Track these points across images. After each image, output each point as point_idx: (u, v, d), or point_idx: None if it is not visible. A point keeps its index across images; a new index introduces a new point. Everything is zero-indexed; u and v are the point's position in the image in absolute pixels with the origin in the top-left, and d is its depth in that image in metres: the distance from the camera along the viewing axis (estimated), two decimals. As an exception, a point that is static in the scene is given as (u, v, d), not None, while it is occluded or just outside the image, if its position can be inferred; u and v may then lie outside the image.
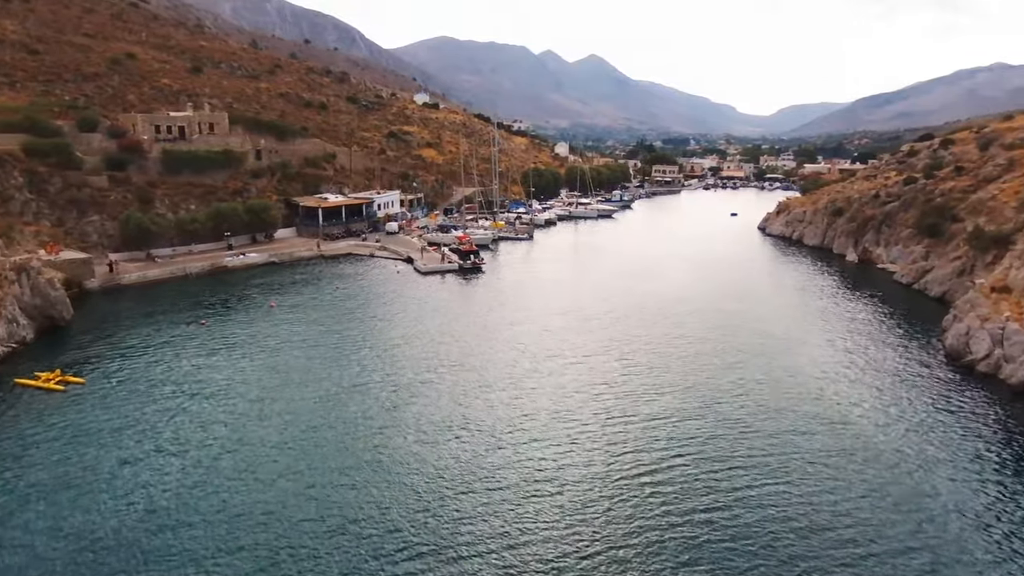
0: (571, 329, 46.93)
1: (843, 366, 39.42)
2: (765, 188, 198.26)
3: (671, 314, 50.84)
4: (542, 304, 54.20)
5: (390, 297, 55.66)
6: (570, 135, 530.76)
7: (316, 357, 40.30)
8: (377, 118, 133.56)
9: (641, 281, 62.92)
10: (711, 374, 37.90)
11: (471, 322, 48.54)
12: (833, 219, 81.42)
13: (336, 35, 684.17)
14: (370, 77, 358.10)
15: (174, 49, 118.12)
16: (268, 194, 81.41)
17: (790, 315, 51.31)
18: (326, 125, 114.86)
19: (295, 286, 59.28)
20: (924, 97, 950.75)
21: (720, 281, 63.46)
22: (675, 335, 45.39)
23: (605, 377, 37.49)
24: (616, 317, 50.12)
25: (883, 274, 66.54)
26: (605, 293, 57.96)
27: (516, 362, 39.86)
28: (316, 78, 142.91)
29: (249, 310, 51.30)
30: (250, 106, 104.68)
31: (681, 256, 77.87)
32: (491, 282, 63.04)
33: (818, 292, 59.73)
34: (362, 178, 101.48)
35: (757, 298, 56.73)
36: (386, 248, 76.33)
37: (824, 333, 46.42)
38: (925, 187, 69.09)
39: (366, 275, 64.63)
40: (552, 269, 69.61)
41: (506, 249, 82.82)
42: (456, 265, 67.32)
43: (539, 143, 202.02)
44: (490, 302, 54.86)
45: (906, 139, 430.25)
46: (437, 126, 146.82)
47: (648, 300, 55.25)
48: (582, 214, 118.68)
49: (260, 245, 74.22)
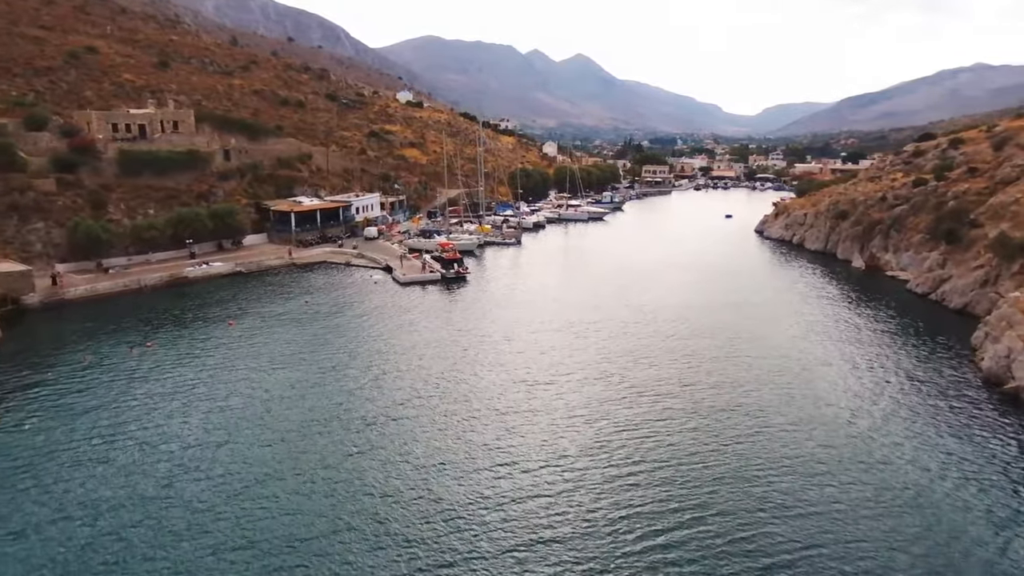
0: (563, 348, 42.16)
1: (872, 395, 34.96)
2: (757, 188, 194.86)
3: (671, 332, 46.23)
4: (531, 319, 49.40)
5: (364, 313, 50.53)
6: (557, 135, 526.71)
7: (273, 389, 35.16)
8: (358, 117, 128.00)
9: (637, 291, 58.32)
10: (723, 407, 33.26)
11: (452, 342, 43.60)
12: (836, 222, 77.40)
13: (321, 33, 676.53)
14: (355, 76, 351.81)
15: (141, 43, 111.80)
16: (237, 197, 75.94)
17: (802, 331, 46.89)
18: (303, 124, 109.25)
19: (260, 300, 53.97)
20: (908, 97, 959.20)
21: (721, 291, 59.04)
22: (678, 357, 40.74)
23: (603, 411, 32.72)
24: (611, 334, 45.43)
25: (894, 283, 62.44)
26: (599, 305, 53.26)
27: (502, 392, 34.98)
28: (294, 75, 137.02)
29: (205, 329, 45.98)
30: (220, 103, 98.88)
31: (677, 263, 73.42)
32: (476, 293, 58.14)
33: (828, 303, 55.46)
34: (340, 180, 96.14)
35: (763, 311, 52.31)
36: (364, 255, 71.12)
37: (843, 352, 42.01)
38: (936, 189, 65.13)
39: (340, 286, 59.43)
40: (542, 278, 64.83)
41: (493, 255, 77.93)
42: (438, 274, 62.34)
43: (527, 143, 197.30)
44: (474, 317, 49.95)
45: (892, 139, 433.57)
46: (421, 125, 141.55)
47: (645, 314, 50.63)
48: (572, 217, 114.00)
49: (227, 253, 68.73)
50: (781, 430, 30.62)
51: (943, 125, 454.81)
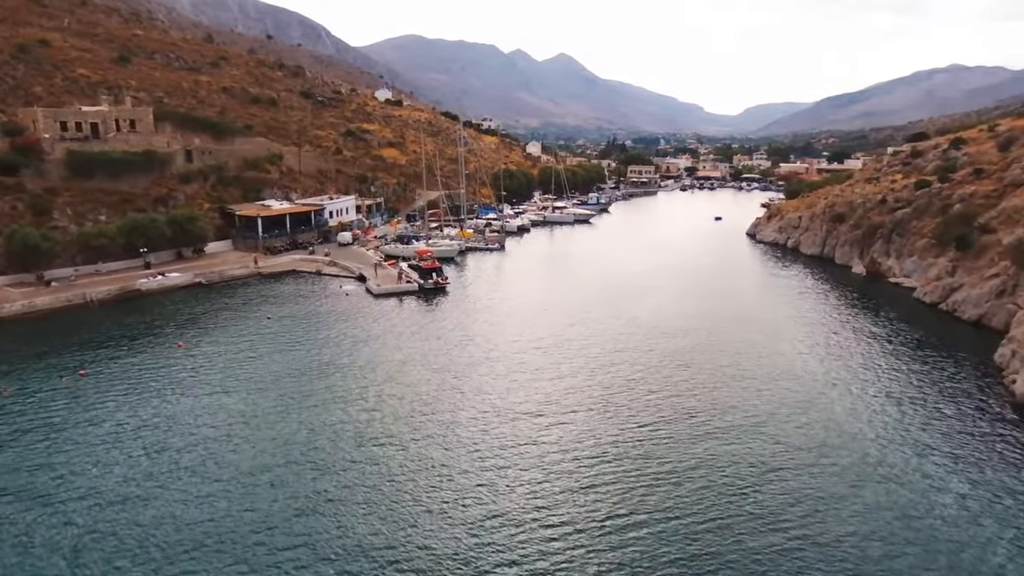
0: (551, 371, 37.95)
1: (898, 425, 31.18)
2: (743, 188, 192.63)
3: (669, 350, 42.24)
4: (515, 335, 45.15)
5: (332, 330, 45.87)
6: (541, 134, 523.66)
7: (220, 425, 30.50)
8: (334, 115, 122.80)
9: (628, 302, 54.32)
10: (729, 441, 29.28)
11: (429, 365, 39.19)
12: (833, 226, 74.17)
13: (301, 32, 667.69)
14: (334, 74, 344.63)
15: (100, 37, 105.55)
16: (199, 201, 70.69)
17: (810, 348, 43.17)
18: (275, 123, 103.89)
19: (218, 316, 49.06)
20: (886, 97, 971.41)
21: (716, 300, 55.29)
22: (679, 381, 36.72)
23: (597, 447, 28.56)
24: (604, 352, 41.34)
25: (898, 290, 59.17)
26: (588, 319, 49.17)
27: (484, 429, 30.64)
28: (267, 72, 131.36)
29: (152, 351, 41.08)
30: (185, 101, 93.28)
31: (669, 269, 69.66)
32: (456, 306, 53.73)
33: (833, 315, 51.91)
34: (314, 181, 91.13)
35: (766, 324, 48.57)
36: (336, 263, 66.33)
37: (857, 373, 38.30)
38: (940, 191, 62.03)
39: (307, 299, 54.65)
40: (526, 288, 60.59)
41: (474, 262, 73.54)
42: (416, 285, 57.83)
43: (510, 142, 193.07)
44: (454, 334, 45.54)
45: (872, 138, 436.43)
46: (400, 124, 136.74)
47: (639, 329, 46.62)
48: (558, 219, 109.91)
49: (186, 262, 63.55)
50: (807, 473, 26.67)
51: (922, 125, 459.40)
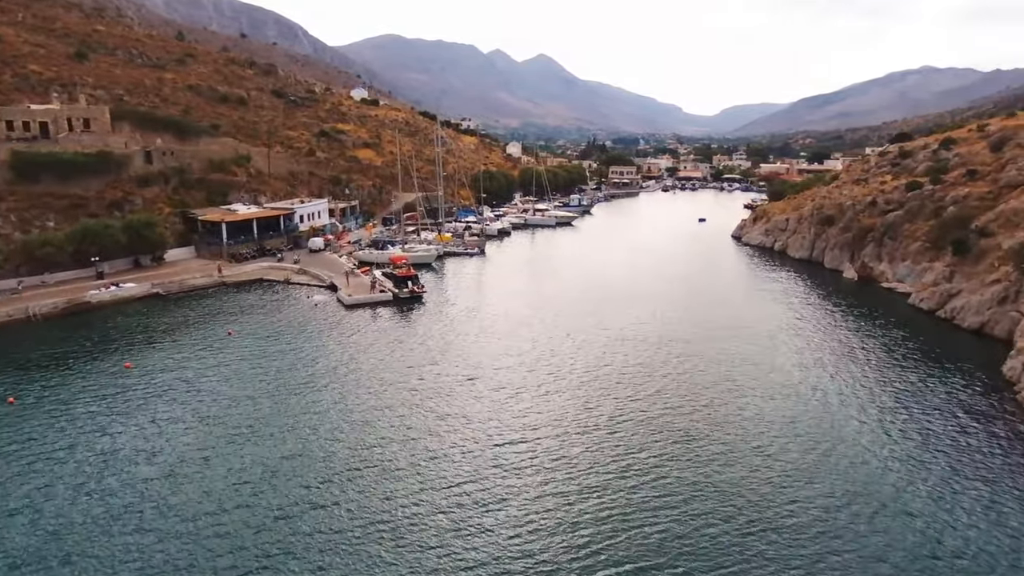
0: (535, 392, 34.95)
1: (915, 449, 28.70)
2: (725, 189, 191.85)
3: (658, 365, 39.51)
4: (496, 350, 42.10)
5: (297, 347, 42.35)
6: (520, 135, 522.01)
7: (164, 462, 26.97)
8: (307, 115, 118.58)
9: (614, 312, 51.56)
10: (730, 464, 26.55)
11: (402, 385, 35.94)
12: (822, 229, 72.31)
13: (278, 31, 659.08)
14: (311, 73, 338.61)
15: (57, 32, 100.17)
16: (159, 206, 66.51)
17: (810, 359, 40.74)
18: (244, 122, 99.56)
19: (173, 331, 45.22)
20: (860, 98, 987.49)
21: (707, 308, 52.80)
22: (672, 398, 33.97)
23: (585, 479, 25.63)
24: (590, 368, 38.48)
25: (892, 296, 57.28)
26: (573, 330, 46.27)
27: (461, 460, 27.53)
28: (237, 70, 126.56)
29: (95, 373, 37.22)
30: (147, 99, 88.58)
31: (654, 274, 67.17)
32: (433, 317, 50.47)
33: (828, 323, 49.67)
34: (284, 184, 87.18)
35: (758, 333, 46.11)
36: (306, 271, 62.66)
37: (860, 387, 35.89)
38: (933, 193, 60.34)
39: (273, 311, 50.97)
40: (508, 296, 57.53)
41: (454, 268, 70.30)
42: (390, 294, 54.44)
43: (490, 143, 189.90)
44: (430, 349, 42.30)
45: (848, 138, 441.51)
46: (376, 124, 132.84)
47: (626, 342, 43.86)
48: (539, 222, 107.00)
49: (144, 272, 59.41)
50: (816, 505, 24.00)
51: (896, 125, 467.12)
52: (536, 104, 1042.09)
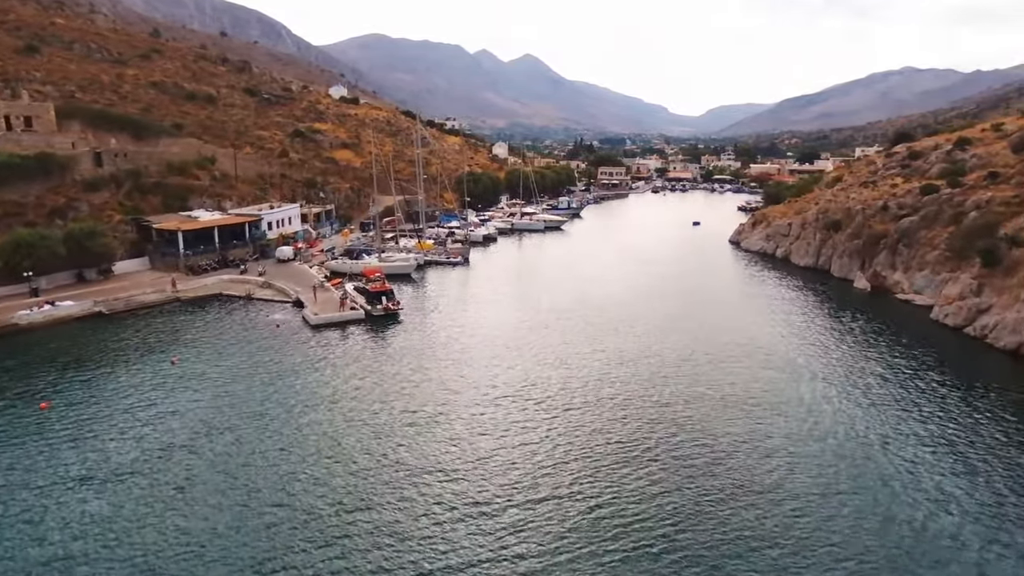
0: (522, 437, 29.73)
1: (965, 499, 23.88)
2: (716, 190, 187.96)
3: (664, 396, 34.47)
4: (479, 378, 36.85)
5: (247, 379, 36.72)
6: (507, 135, 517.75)
7: (76, 530, 21.38)
8: (281, 113, 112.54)
9: (611, 331, 46.54)
10: (761, 527, 21.55)
11: (366, 426, 30.55)
12: (828, 234, 67.83)
13: (261, 30, 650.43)
14: (293, 73, 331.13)
15: (8, 24, 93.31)
16: (108, 212, 60.49)
17: (837, 390, 35.92)
18: (211, 121, 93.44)
19: (108, 358, 39.40)
20: (843, 98, 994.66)
21: (711, 327, 47.93)
22: (684, 441, 28.92)
23: (579, 549, 20.47)
24: (586, 402, 33.38)
25: (910, 309, 52.79)
26: (565, 355, 41.16)
27: (435, 531, 22.23)
28: (207, 66, 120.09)
29: (5, 414, 31.41)
30: (102, 96, 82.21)
31: (651, 286, 62.33)
32: (409, 338, 45.04)
33: (848, 342, 44.93)
34: (253, 188, 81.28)
35: (773, 356, 41.29)
36: (271, 284, 56.94)
37: (903, 427, 31.08)
38: (952, 197, 55.99)
39: (228, 332, 45.25)
40: (493, 313, 52.25)
41: (435, 279, 64.89)
42: (362, 312, 48.93)
43: (475, 143, 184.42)
44: (403, 380, 36.91)
45: (834, 138, 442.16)
46: (356, 124, 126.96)
47: (626, 368, 38.82)
48: (527, 226, 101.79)
49: (88, 287, 53.40)
50: None
51: (881, 125, 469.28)
52: (523, 104, 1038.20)
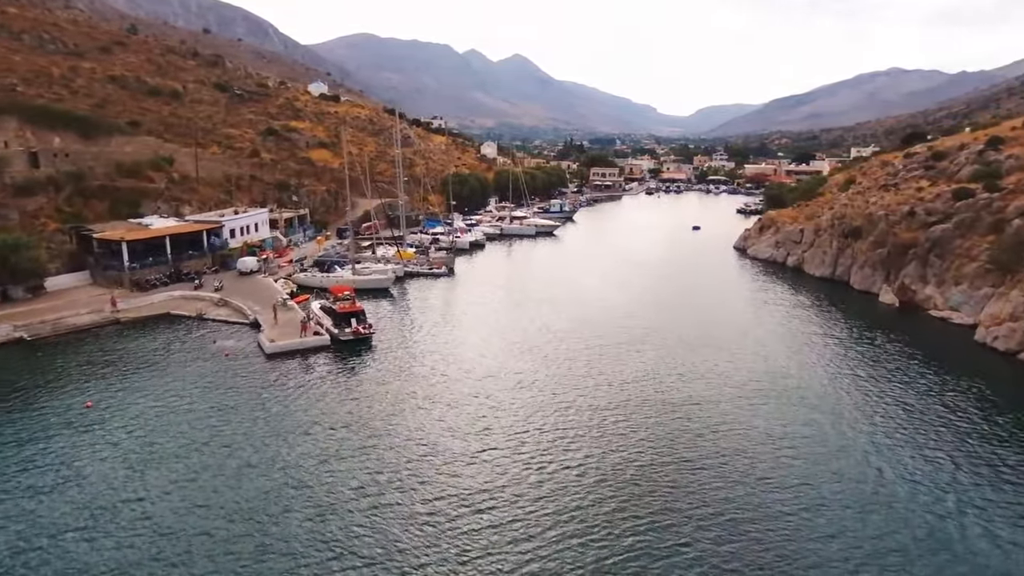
0: (509, 503, 23.37)
1: None
2: (711, 191, 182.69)
3: (680, 444, 28.24)
4: (459, 424, 30.49)
5: (173, 429, 30.03)
6: (497, 135, 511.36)
7: None
8: (254, 110, 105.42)
9: (614, 357, 40.35)
10: None
11: (324, 500, 24.07)
12: (847, 242, 62.10)
13: (247, 28, 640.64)
14: (278, 71, 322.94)
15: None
16: (42, 220, 53.48)
17: (880, 436, 29.88)
18: (175, 119, 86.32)
19: (13, 401, 32.50)
20: (831, 99, 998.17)
21: (728, 350, 41.88)
22: (705, 511, 22.70)
23: None
24: (588, 457, 27.08)
25: (947, 328, 47.01)
26: (559, 391, 34.89)
27: None
28: (175, 60, 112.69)
29: None
30: (49, 90, 74.91)
31: (656, 302, 56.27)
32: (381, 369, 38.54)
33: (888, 371, 38.90)
34: (218, 191, 74.33)
35: (807, 392, 35.26)
36: (228, 302, 50.15)
37: (975, 486, 25.10)
38: (990, 203, 50.31)
39: (167, 364, 38.44)
40: (479, 337, 45.78)
41: (416, 293, 58.38)
42: (328, 336, 42.33)
43: (463, 143, 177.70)
44: (364, 427, 30.43)
45: (823, 139, 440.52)
46: (336, 122, 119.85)
47: (630, 409, 32.56)
48: (517, 231, 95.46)
49: (15, 307, 46.41)
50: None
51: (869, 126, 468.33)
52: (512, 104, 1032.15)
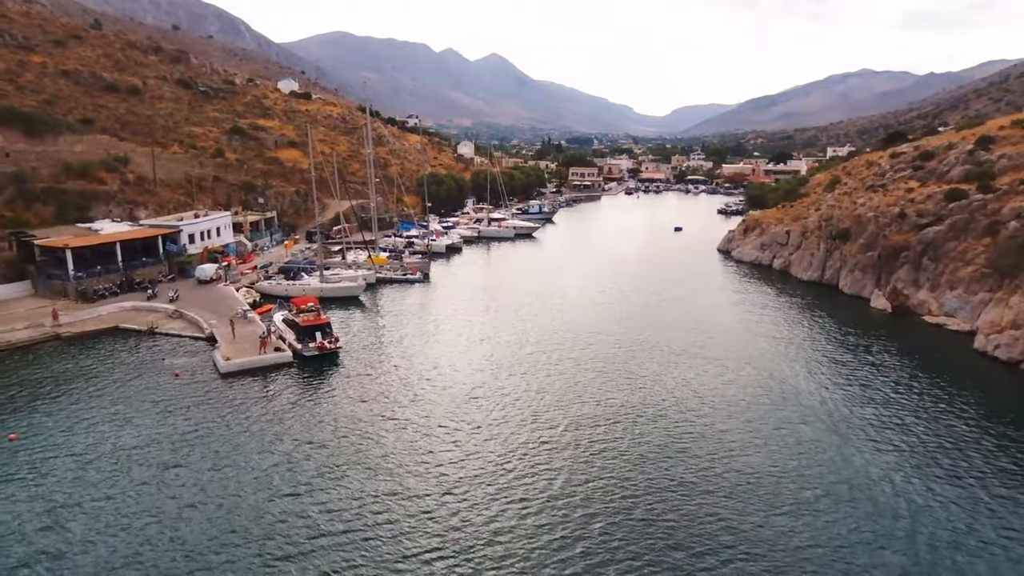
0: (485, 557, 20.46)
1: None
2: (690, 191, 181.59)
3: (677, 476, 25.58)
4: (427, 452, 27.45)
5: (108, 465, 26.50)
6: (474, 134, 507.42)
7: None
8: (219, 108, 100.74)
9: (597, 370, 37.66)
10: None
11: (268, 544, 20.84)
12: (835, 244, 60.34)
13: (219, 26, 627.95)
14: (250, 69, 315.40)
15: None
16: (-22, 227, 49.00)
17: (893, 453, 27.64)
18: (132, 116, 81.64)
19: (-78, 437, 28.65)
20: (803, 99, 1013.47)
21: (719, 365, 39.53)
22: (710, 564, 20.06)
23: None
24: (572, 497, 24.26)
25: (943, 335, 45.27)
26: (541, 411, 32.10)
27: None
28: (136, 55, 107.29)
29: None
30: (-8, 86, 69.94)
31: (641, 309, 53.80)
32: (348, 389, 35.27)
33: (887, 382, 36.84)
34: (178, 193, 70.02)
35: (807, 406, 32.96)
36: (183, 314, 46.35)
37: (1000, 514, 22.88)
38: (985, 204, 48.72)
39: (109, 385, 34.69)
40: (455, 350, 42.77)
41: (389, 302, 55.07)
42: (290, 352, 38.90)
43: (439, 142, 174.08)
44: (329, 457, 27.23)
45: (798, 138, 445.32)
46: (307, 120, 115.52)
47: (618, 436, 29.89)
48: (495, 234, 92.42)
49: (-60, 321, 42.08)
50: None
51: (842, 126, 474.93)
52: (489, 103, 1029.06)
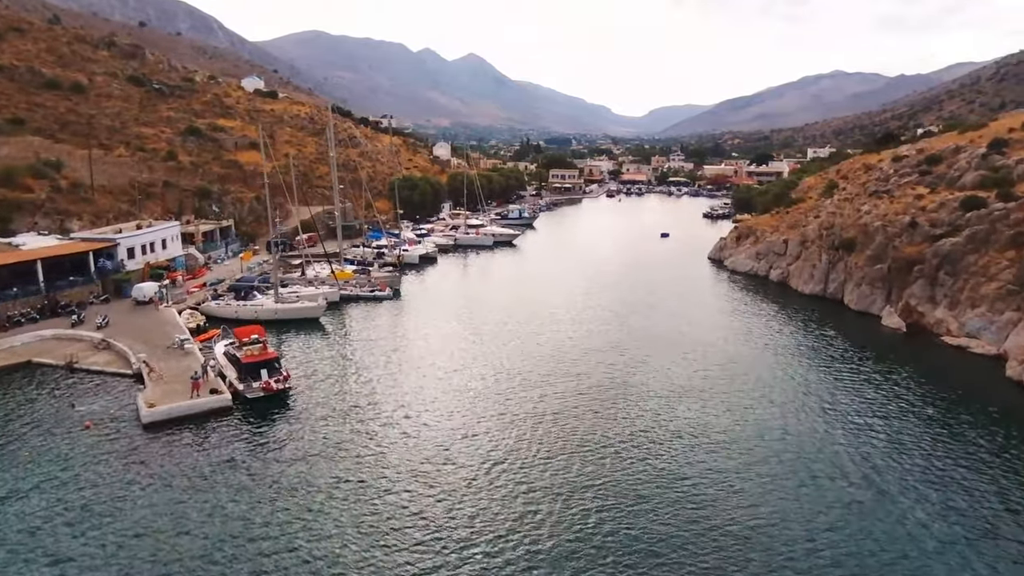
0: None
1: None
2: (673, 194, 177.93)
3: (673, 517, 20.46)
4: (389, 537, 21.97)
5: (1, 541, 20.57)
6: (451, 134, 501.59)
7: None
8: (174, 107, 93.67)
9: (589, 411, 32.48)
10: None
11: None
12: (838, 255, 56.08)
13: (190, 23, 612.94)
14: (220, 68, 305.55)
15: None
16: None
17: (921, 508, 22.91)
18: (74, 116, 74.52)
19: None
20: (778, 100, 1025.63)
21: (724, 397, 34.69)
22: None
23: None
24: (562, 552, 19.07)
25: (966, 359, 40.97)
26: (516, 448, 26.81)
27: None
28: (84, 49, 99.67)
29: None
30: (-95, 81, 62.57)
31: (631, 328, 48.84)
32: (299, 442, 29.52)
33: (913, 419, 32.27)
34: (121, 200, 63.33)
35: (824, 450, 28.18)
36: (110, 344, 40.07)
37: None
38: (1007, 214, 44.66)
39: (6, 438, 28.52)
40: (426, 382, 37.25)
41: (353, 323, 49.28)
42: (229, 395, 32.98)
43: (414, 143, 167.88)
44: (268, 534, 21.57)
45: (774, 139, 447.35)
46: (272, 121, 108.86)
47: (611, 482, 24.71)
48: (473, 242, 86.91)
49: None
50: None
51: (817, 127, 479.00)
52: (466, 103, 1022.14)
